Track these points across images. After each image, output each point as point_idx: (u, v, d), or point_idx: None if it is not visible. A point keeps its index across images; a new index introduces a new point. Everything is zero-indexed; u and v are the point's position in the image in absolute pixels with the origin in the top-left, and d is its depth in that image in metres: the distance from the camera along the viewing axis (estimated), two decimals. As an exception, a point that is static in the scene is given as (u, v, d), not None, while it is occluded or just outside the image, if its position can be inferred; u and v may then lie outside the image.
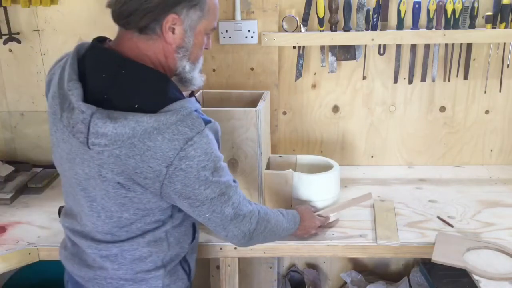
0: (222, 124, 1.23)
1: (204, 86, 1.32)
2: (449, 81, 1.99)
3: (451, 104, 2.04)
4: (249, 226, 1.27)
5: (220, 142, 1.21)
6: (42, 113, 2.09)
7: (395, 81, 2.00)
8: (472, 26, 1.88)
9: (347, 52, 1.96)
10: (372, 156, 2.14)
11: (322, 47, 1.96)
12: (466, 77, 1.97)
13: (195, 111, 1.13)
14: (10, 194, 1.83)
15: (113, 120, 1.06)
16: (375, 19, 1.89)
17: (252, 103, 1.72)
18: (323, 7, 1.87)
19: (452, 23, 1.87)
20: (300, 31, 1.92)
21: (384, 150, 2.12)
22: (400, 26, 1.90)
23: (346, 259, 2.26)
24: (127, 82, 1.11)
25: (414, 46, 1.94)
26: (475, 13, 1.86)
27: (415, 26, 1.89)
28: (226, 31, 1.91)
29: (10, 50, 2.02)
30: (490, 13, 1.86)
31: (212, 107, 1.64)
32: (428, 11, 1.86)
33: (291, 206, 1.65)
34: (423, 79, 1.98)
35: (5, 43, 1.96)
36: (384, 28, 1.90)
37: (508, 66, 1.95)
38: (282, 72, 2.02)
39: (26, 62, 2.03)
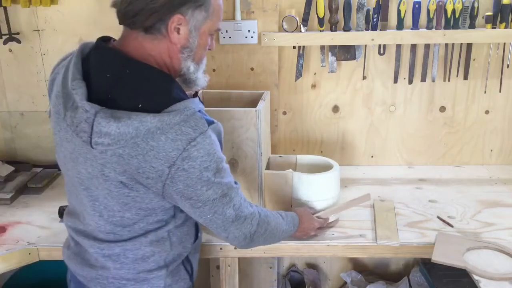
0: (222, 124, 1.23)
1: (204, 86, 1.32)
2: (449, 81, 1.99)
3: (451, 104, 2.04)
4: (250, 228, 1.27)
5: (222, 143, 1.21)
6: (42, 113, 2.09)
7: (395, 81, 2.00)
8: (472, 26, 1.88)
9: (347, 52, 1.96)
10: (372, 156, 2.14)
11: (322, 47, 1.96)
12: (466, 77, 1.97)
13: (199, 112, 1.13)
14: (10, 194, 1.83)
15: (116, 119, 1.06)
16: (375, 19, 1.89)
17: (252, 103, 1.72)
18: (323, 7, 1.87)
19: (452, 23, 1.87)
20: (300, 31, 1.92)
21: (384, 150, 2.12)
22: (400, 26, 1.90)
23: (346, 259, 2.26)
24: (131, 81, 1.11)
25: (414, 46, 1.94)
26: (475, 13, 1.86)
27: (415, 26, 1.89)
28: (226, 31, 1.91)
29: (10, 50, 2.01)
30: (490, 13, 1.86)
31: (212, 107, 1.63)
32: (428, 11, 1.86)
33: (291, 206, 1.65)
34: (423, 79, 1.99)
35: (5, 43, 1.96)
36: (384, 28, 1.90)
37: (508, 66, 1.96)
38: (282, 72, 2.02)
39: (26, 62, 2.03)
